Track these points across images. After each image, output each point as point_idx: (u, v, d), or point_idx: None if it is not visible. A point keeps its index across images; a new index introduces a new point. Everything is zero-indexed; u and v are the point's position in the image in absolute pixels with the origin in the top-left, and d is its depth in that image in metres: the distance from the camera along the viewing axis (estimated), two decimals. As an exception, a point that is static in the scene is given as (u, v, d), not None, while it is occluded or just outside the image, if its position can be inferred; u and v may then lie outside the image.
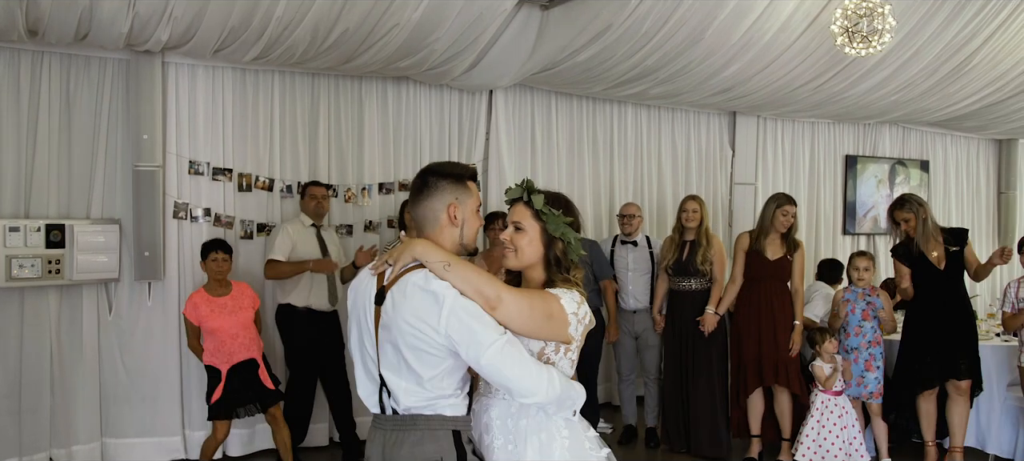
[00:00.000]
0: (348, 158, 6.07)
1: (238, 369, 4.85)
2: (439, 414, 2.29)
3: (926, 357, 5.25)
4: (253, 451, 5.74)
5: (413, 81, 6.21)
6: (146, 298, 5.44)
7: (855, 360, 5.38)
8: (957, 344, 5.19)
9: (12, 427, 5.06)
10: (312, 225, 5.48)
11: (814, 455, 5.24)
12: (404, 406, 2.28)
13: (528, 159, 6.83)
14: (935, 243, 5.30)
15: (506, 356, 2.18)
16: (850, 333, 5.43)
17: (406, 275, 2.25)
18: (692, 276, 5.71)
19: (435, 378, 2.26)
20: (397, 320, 2.23)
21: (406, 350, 2.23)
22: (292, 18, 4.77)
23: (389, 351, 2.28)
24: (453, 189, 2.36)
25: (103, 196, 5.31)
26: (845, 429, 5.24)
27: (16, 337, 5.09)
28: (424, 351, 2.22)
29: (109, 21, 4.53)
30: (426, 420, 2.28)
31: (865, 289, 5.46)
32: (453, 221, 2.35)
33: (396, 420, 2.31)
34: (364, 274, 2.43)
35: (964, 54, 6.97)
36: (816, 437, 5.26)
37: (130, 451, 5.42)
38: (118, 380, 5.40)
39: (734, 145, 7.92)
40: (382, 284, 2.31)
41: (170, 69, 5.40)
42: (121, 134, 5.33)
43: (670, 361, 5.90)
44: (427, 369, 2.24)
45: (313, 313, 5.39)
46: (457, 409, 2.31)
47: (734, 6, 5.63)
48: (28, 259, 4.99)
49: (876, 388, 5.37)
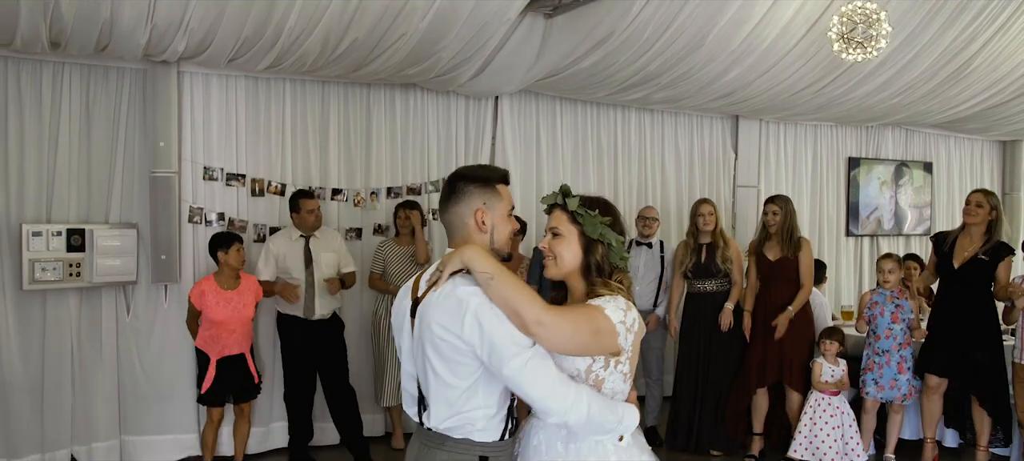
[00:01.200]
0: (357, 163, 6.22)
1: (227, 360, 5.10)
2: (467, 438, 2.23)
3: (933, 351, 5.34)
4: (267, 449, 5.90)
5: (420, 88, 6.36)
6: (162, 300, 5.61)
7: (887, 363, 5.40)
8: (972, 345, 5.22)
9: (35, 424, 5.24)
10: (301, 236, 5.58)
11: (807, 452, 5.37)
12: (435, 423, 2.25)
13: (533, 164, 6.97)
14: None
15: (530, 371, 2.09)
16: (880, 336, 5.45)
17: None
18: (713, 277, 5.84)
19: (468, 390, 2.19)
20: (427, 329, 2.20)
21: (437, 360, 2.19)
22: (303, 29, 4.94)
23: (423, 364, 2.25)
24: (481, 193, 2.29)
25: (121, 201, 5.49)
26: (836, 429, 5.35)
27: (38, 337, 5.28)
28: (455, 360, 2.16)
29: (128, 33, 4.71)
30: (454, 443, 2.23)
31: (893, 292, 5.49)
32: (481, 227, 2.28)
33: (428, 435, 2.28)
34: (404, 288, 2.42)
35: (963, 58, 7.07)
36: (808, 434, 5.38)
37: (147, 448, 5.59)
38: (136, 379, 5.58)
39: (737, 148, 8.04)
40: (416, 297, 2.29)
41: (185, 78, 5.58)
42: (138, 141, 5.50)
43: (686, 362, 5.99)
44: (460, 379, 2.18)
45: (298, 320, 5.54)
46: (488, 435, 2.24)
47: (733, 13, 5.76)
48: (50, 262, 5.16)
49: (908, 389, 5.41)
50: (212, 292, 5.06)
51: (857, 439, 5.38)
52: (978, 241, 5.30)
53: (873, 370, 5.47)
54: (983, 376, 5.28)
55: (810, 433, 5.39)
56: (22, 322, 5.21)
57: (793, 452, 5.43)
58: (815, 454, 5.38)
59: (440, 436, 2.25)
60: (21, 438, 5.19)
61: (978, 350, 5.24)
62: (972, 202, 5.33)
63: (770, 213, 5.68)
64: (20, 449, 5.18)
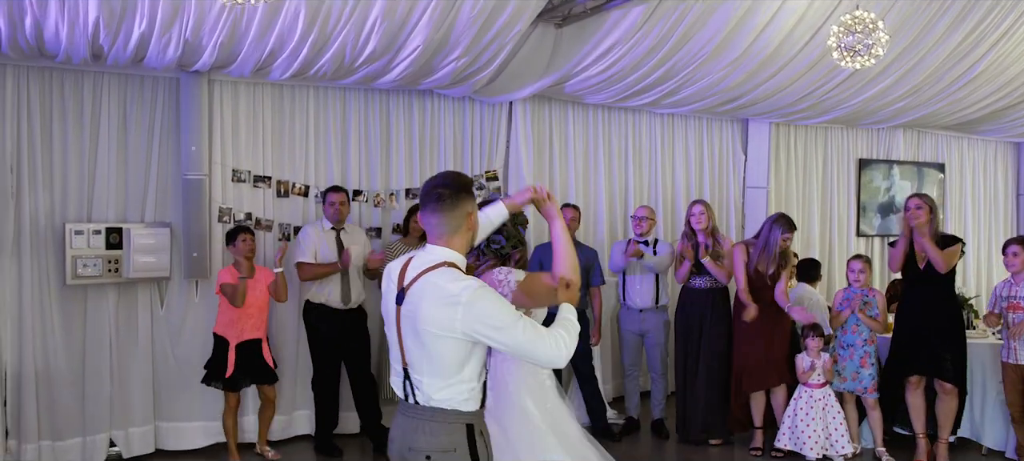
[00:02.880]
0: (377, 165, 6.54)
1: (244, 346, 5.44)
2: (455, 409, 2.52)
3: (906, 352, 5.56)
4: (290, 436, 6.24)
5: (437, 94, 6.66)
6: (194, 295, 5.96)
7: (851, 357, 5.72)
8: (940, 343, 5.45)
9: (77, 410, 5.61)
10: (331, 228, 5.93)
11: (790, 441, 5.65)
12: (425, 398, 2.54)
13: (546, 166, 7.24)
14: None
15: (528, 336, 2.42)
16: (847, 331, 5.78)
17: (425, 275, 2.50)
18: (708, 274, 6.08)
19: (456, 368, 2.49)
20: (417, 317, 2.47)
21: (429, 341, 2.46)
22: (323, 43, 5.26)
23: (412, 346, 2.53)
24: (470, 199, 2.62)
25: (156, 202, 5.83)
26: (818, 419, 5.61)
27: (80, 329, 5.64)
28: (445, 339, 2.45)
29: (163, 46, 5.06)
30: (444, 414, 2.52)
31: (862, 289, 5.80)
32: (470, 227, 2.63)
33: (417, 410, 2.56)
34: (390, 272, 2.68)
35: (969, 62, 7.22)
36: (791, 424, 5.66)
37: (179, 433, 5.94)
38: (169, 369, 5.92)
39: (746, 150, 8.22)
40: (402, 286, 2.57)
41: (215, 87, 5.92)
42: (172, 146, 5.85)
43: (682, 355, 6.26)
44: (450, 356, 2.47)
45: (330, 309, 5.85)
46: (472, 404, 2.55)
47: (736, 22, 6.00)
48: (90, 259, 5.53)
49: (871, 383, 5.71)
50: (233, 279, 5.42)
51: (842, 431, 5.64)
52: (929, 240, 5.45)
53: (837, 362, 5.77)
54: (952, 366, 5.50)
55: (792, 424, 5.68)
56: (65, 315, 5.58)
57: (778, 442, 5.72)
58: (796, 444, 5.65)
59: (430, 409, 2.54)
60: (64, 422, 5.56)
61: (946, 350, 5.45)
62: (912, 206, 5.51)
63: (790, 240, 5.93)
64: (63, 432, 5.55)
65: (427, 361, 2.52)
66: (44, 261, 5.49)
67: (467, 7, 5.22)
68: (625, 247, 6.31)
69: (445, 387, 2.52)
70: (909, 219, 5.50)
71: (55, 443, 5.52)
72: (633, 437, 6.47)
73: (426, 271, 2.51)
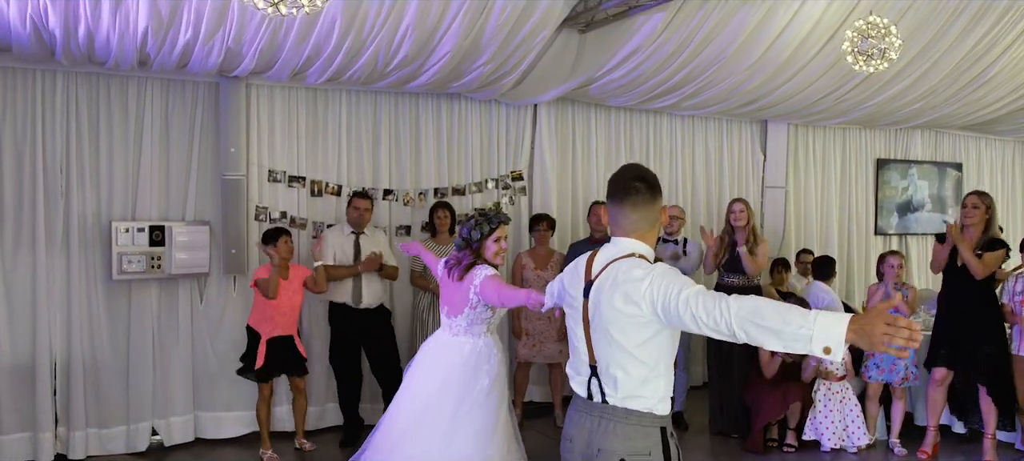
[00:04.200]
0: (406, 166, 6.77)
1: (275, 341, 5.66)
2: (650, 412, 2.46)
3: (941, 347, 5.64)
4: (322, 426, 6.48)
5: (465, 97, 6.89)
6: (232, 290, 6.21)
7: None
8: (974, 339, 5.49)
9: (122, 399, 5.87)
10: (352, 233, 6.15)
11: (812, 433, 5.87)
12: (618, 399, 2.47)
13: (569, 166, 7.45)
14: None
15: (694, 296, 2.30)
16: None
17: (614, 264, 2.50)
18: (742, 272, 6.22)
19: (641, 347, 2.42)
20: (607, 305, 2.45)
21: (616, 331, 2.44)
22: (357, 49, 5.51)
23: (600, 342, 2.49)
24: (660, 196, 2.61)
25: (196, 201, 6.08)
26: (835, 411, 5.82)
27: (124, 323, 5.91)
28: (632, 322, 2.41)
29: (206, 53, 5.32)
30: (639, 416, 2.45)
31: (896, 284, 5.97)
32: (660, 223, 2.64)
33: (607, 410, 2.49)
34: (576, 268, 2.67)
35: (983, 64, 7.36)
36: (812, 419, 5.87)
37: (218, 423, 6.20)
38: (208, 361, 6.17)
39: (765, 150, 8.39)
40: (589, 279, 2.56)
41: (253, 90, 6.17)
42: (211, 147, 6.09)
43: (713, 351, 6.41)
44: (635, 338, 2.41)
45: (349, 309, 6.08)
46: (665, 407, 2.50)
47: (754, 28, 6.18)
48: (135, 256, 5.79)
49: (905, 372, 5.84)
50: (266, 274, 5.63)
51: (859, 424, 5.84)
52: (976, 239, 5.51)
53: (875, 355, 5.88)
54: (990, 367, 5.55)
55: (814, 416, 5.86)
56: (111, 309, 5.85)
57: (805, 434, 5.92)
58: (815, 435, 5.87)
59: (624, 411, 2.48)
60: (109, 412, 5.84)
61: (986, 344, 5.50)
62: (969, 204, 5.57)
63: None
64: (108, 421, 5.83)
65: (626, 356, 2.46)
66: (91, 257, 5.76)
67: (495, 15, 5.45)
68: None
69: (641, 385, 2.46)
70: (963, 217, 5.54)
71: (101, 431, 5.80)
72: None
73: (615, 261, 2.50)
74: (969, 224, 5.50)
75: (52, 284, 5.64)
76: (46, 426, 5.59)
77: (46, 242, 5.60)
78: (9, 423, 5.54)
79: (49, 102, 5.61)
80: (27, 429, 5.59)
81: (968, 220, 5.50)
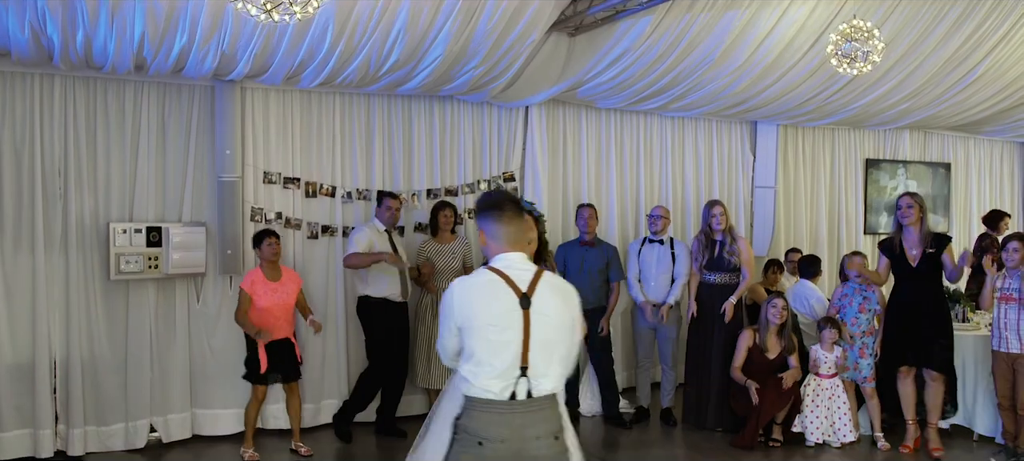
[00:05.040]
0: (399, 167, 6.87)
1: (275, 344, 5.75)
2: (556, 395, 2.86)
3: (897, 344, 5.88)
4: (318, 424, 6.58)
5: (456, 99, 6.99)
6: (228, 289, 6.31)
7: (851, 347, 6.05)
8: (930, 334, 5.77)
9: (120, 397, 5.97)
10: (385, 230, 6.30)
11: (800, 427, 6.03)
12: (550, 388, 2.81)
13: (560, 167, 7.56)
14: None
15: None
16: (847, 323, 6.09)
17: (539, 279, 2.82)
18: (723, 270, 6.41)
19: (568, 356, 2.86)
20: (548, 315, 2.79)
21: (553, 334, 2.80)
22: (350, 54, 5.62)
23: (545, 344, 2.78)
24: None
25: (192, 202, 6.18)
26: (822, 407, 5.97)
27: (122, 322, 6.00)
28: (566, 328, 2.84)
29: (201, 58, 5.43)
30: (556, 399, 2.85)
31: (861, 284, 6.10)
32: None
33: (538, 402, 2.79)
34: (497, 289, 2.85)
35: (968, 66, 7.47)
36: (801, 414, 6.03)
37: (215, 420, 6.30)
38: (205, 359, 6.27)
39: (755, 151, 8.49)
40: (522, 293, 2.79)
41: (248, 94, 6.27)
42: (207, 150, 6.19)
43: (694, 348, 6.58)
44: (564, 347, 2.84)
45: (388, 303, 6.22)
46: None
47: (739, 32, 6.30)
48: (132, 256, 5.89)
49: (869, 373, 6.05)
50: (260, 282, 5.73)
51: (846, 419, 6.00)
52: (918, 238, 5.78)
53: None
54: (943, 358, 5.82)
55: (802, 411, 6.04)
56: (109, 309, 5.95)
57: (793, 427, 6.07)
58: (801, 425, 6.05)
59: (551, 398, 2.84)
60: (108, 409, 5.94)
61: (940, 337, 5.79)
62: (903, 205, 5.82)
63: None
64: (107, 418, 5.93)
65: (559, 354, 2.85)
66: (89, 258, 5.86)
67: (485, 19, 5.56)
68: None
69: (562, 375, 2.90)
70: (900, 217, 5.80)
71: (100, 428, 5.90)
72: (643, 425, 6.79)
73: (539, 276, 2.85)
74: (908, 224, 5.79)
75: (51, 284, 5.74)
76: (46, 423, 5.69)
77: (45, 243, 5.70)
78: (10, 420, 5.64)
79: (47, 106, 5.71)
80: (27, 426, 5.69)
81: (906, 220, 5.79)
